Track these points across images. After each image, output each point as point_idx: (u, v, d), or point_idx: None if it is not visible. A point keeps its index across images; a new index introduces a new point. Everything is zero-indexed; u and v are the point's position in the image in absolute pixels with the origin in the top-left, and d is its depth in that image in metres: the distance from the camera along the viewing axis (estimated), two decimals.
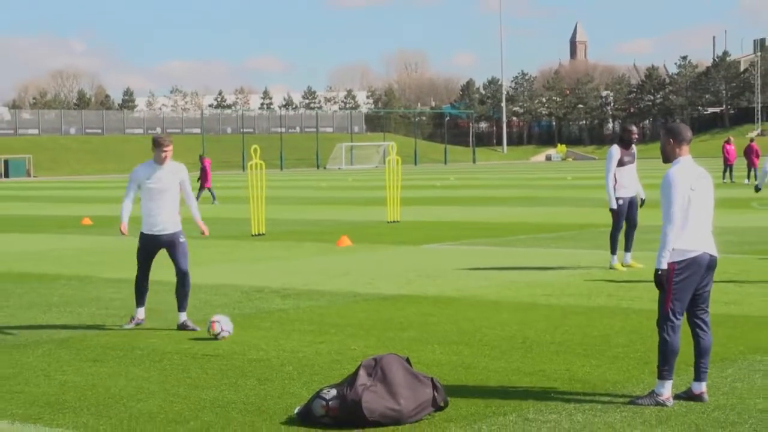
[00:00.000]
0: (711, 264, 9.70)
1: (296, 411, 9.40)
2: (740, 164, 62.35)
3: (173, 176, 14.63)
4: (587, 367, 11.37)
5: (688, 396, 9.70)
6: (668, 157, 9.88)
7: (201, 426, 9.24)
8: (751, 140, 59.81)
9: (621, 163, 19.99)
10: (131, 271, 21.26)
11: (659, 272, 9.58)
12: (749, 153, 57.11)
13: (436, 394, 9.44)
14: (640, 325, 13.85)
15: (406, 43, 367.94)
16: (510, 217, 35.51)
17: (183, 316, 14.57)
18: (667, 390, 9.54)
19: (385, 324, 14.52)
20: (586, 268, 20.23)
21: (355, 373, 9.37)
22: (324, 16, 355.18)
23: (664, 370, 9.57)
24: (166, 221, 14.59)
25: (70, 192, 69.82)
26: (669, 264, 9.54)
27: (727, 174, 59.24)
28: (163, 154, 14.44)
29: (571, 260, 21.42)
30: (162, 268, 16.99)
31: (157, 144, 14.53)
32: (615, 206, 20.08)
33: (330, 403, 9.13)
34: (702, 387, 9.69)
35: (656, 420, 9.04)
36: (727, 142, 60.60)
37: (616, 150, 20.03)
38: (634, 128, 20.82)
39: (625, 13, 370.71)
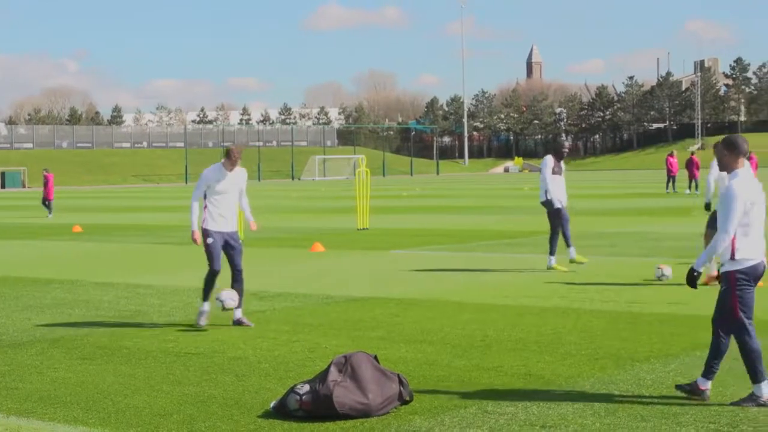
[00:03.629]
0: (763, 272, 9.45)
1: (272, 405, 9.38)
2: (682, 176, 62.68)
3: (238, 180, 14.70)
4: (542, 363, 11.38)
5: (690, 389, 9.50)
6: (726, 168, 9.61)
7: (183, 419, 9.21)
8: (692, 153, 60.07)
9: (553, 171, 20.34)
10: (119, 275, 21.28)
11: (694, 273, 9.44)
12: (690, 165, 57.37)
13: (402, 389, 9.43)
14: (590, 324, 13.89)
15: (376, 64, 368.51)
16: (471, 225, 35.54)
17: (238, 313, 14.58)
18: (766, 390, 9.24)
19: (354, 324, 14.51)
20: (540, 272, 20.26)
21: (327, 370, 9.35)
22: (300, 38, 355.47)
23: (757, 373, 9.28)
24: (228, 221, 14.67)
25: (62, 202, 69.45)
26: (733, 272, 9.29)
27: (670, 185, 59.50)
28: (235, 164, 14.54)
29: (527, 264, 21.45)
30: (146, 272, 17.01)
31: (229, 154, 14.55)
32: (559, 205, 20.43)
33: (303, 397, 9.11)
34: (708, 384, 9.46)
35: (605, 411, 9.05)
36: (670, 155, 60.85)
37: (550, 159, 20.63)
38: (567, 144, 21.73)
39: (577, 36, 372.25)
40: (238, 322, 14.48)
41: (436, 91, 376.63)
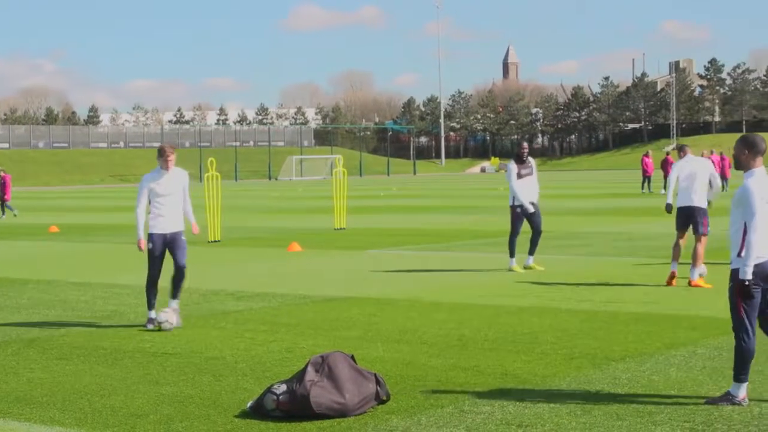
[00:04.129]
0: None
1: (249, 405, 9.37)
2: (657, 176, 62.88)
3: (178, 181, 14.78)
4: (518, 362, 11.40)
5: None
6: (742, 167, 9.53)
7: (160, 419, 9.19)
8: (667, 154, 60.29)
9: (519, 176, 20.45)
10: (95, 275, 21.22)
11: (747, 283, 9.18)
12: (665, 165, 57.49)
13: (378, 388, 9.44)
14: (566, 324, 13.92)
15: (352, 64, 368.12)
16: (447, 225, 35.59)
17: (174, 303, 14.74)
18: (742, 391, 9.25)
19: (331, 323, 14.50)
20: (516, 271, 20.30)
21: (304, 370, 9.35)
22: (276, 39, 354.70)
23: (741, 373, 9.26)
24: (171, 221, 14.75)
25: (38, 202, 69.26)
26: (737, 271, 9.26)
27: (646, 185, 59.67)
28: (168, 162, 14.63)
29: (503, 264, 21.47)
30: (123, 273, 16.91)
31: (162, 152, 14.69)
32: (528, 205, 20.67)
33: (280, 397, 9.11)
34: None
35: (581, 410, 9.07)
36: (646, 155, 61.08)
37: (513, 166, 20.82)
38: (525, 144, 21.65)
39: (553, 38, 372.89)
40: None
41: (412, 91, 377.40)
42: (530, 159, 20.96)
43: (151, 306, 14.73)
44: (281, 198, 67.13)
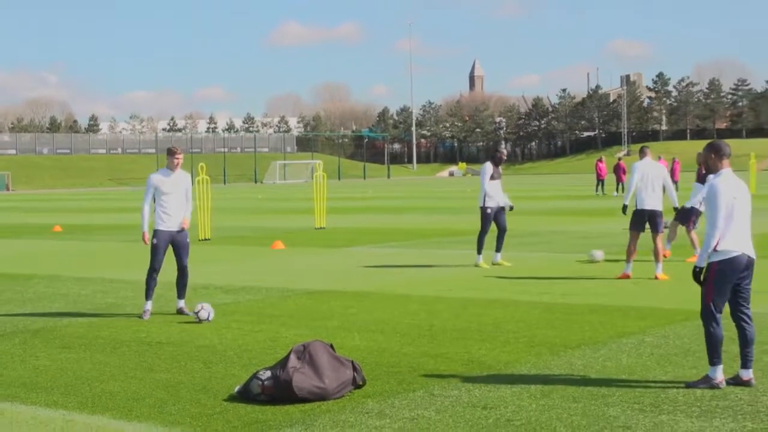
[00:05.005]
0: (749, 264, 9.37)
1: (236, 390, 9.36)
2: (610, 179, 63.14)
3: (181, 182, 14.75)
4: (483, 350, 11.41)
5: (736, 382, 9.35)
6: (711, 170, 9.59)
7: (155, 403, 9.17)
8: (619, 159, 60.49)
9: (492, 177, 20.46)
10: (96, 271, 21.15)
11: (697, 269, 9.34)
12: (617, 170, 57.75)
13: (355, 374, 9.44)
14: (527, 314, 13.94)
15: (331, 77, 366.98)
16: (419, 224, 35.59)
17: (181, 303, 14.75)
18: (719, 374, 9.25)
19: (312, 315, 14.49)
20: (482, 267, 20.32)
21: (287, 357, 9.34)
22: (262, 53, 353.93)
23: (714, 357, 9.26)
24: (177, 220, 14.70)
25: (43, 203, 68.96)
26: (713, 263, 9.26)
27: (599, 187, 59.83)
28: (176, 161, 14.67)
29: (471, 260, 21.49)
30: (122, 268, 16.89)
31: (171, 152, 14.76)
32: (505, 204, 20.74)
33: (265, 382, 9.10)
34: (749, 373, 9.36)
35: (540, 394, 9.09)
36: (599, 160, 61.19)
37: (489, 166, 20.73)
38: (504, 150, 21.89)
39: (515, 53, 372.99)
40: (180, 311, 14.69)
41: (386, 101, 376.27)
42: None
43: (148, 297, 14.66)
44: (265, 200, 66.99)
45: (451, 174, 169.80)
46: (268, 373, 9.19)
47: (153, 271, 14.70)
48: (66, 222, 41.56)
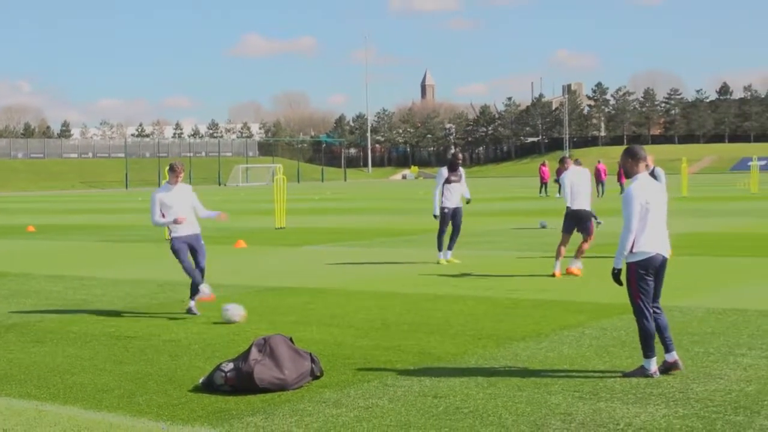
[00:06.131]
0: (663, 263, 9.41)
1: (201, 381, 9.32)
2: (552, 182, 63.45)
3: (183, 194, 14.71)
4: (433, 342, 11.43)
5: (665, 367, 9.40)
6: (629, 174, 9.58)
7: (124, 393, 9.11)
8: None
9: (448, 181, 20.49)
10: (67, 269, 20.98)
11: (615, 271, 9.39)
12: (560, 173, 58.03)
13: (313, 366, 9.43)
14: (474, 309, 13.97)
15: (291, 86, 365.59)
16: (373, 224, 35.60)
17: (191, 303, 14.48)
18: (653, 365, 9.29)
19: (272, 310, 14.46)
20: (433, 264, 20.37)
21: (248, 350, 9.32)
22: (226, 64, 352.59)
23: (648, 350, 9.29)
24: (188, 225, 14.64)
25: (17, 205, 68.31)
26: (632, 264, 9.30)
27: (543, 189, 60.12)
28: (177, 178, 14.61)
29: (422, 258, 21.54)
30: (92, 267, 16.70)
31: (173, 169, 14.69)
32: (437, 213, 20.69)
33: (228, 374, 9.07)
34: (674, 356, 9.42)
35: (487, 383, 9.11)
36: (543, 164, 61.52)
37: (444, 171, 20.71)
38: (460, 155, 21.73)
39: (464, 63, 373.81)
40: (189, 311, 14.39)
41: (343, 109, 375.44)
42: (461, 168, 20.89)
43: (194, 293, 14.39)
44: (229, 201, 66.72)
45: (404, 177, 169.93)
46: (231, 365, 9.16)
47: (185, 269, 14.49)
48: (39, 222, 41.20)
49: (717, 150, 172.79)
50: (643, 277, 9.33)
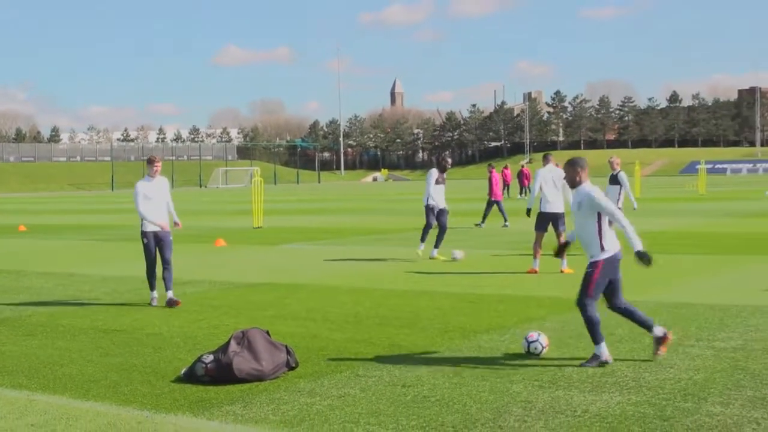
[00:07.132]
0: (620, 259, 9.49)
1: (183, 372, 9.29)
2: (514, 184, 63.63)
3: (161, 187, 14.66)
4: (402, 335, 11.43)
5: (658, 344, 9.50)
6: (575, 183, 9.68)
7: (110, 384, 9.07)
8: (523, 166, 60.94)
9: (437, 182, 20.59)
10: (57, 267, 20.85)
11: (643, 253, 9.27)
12: (521, 176, 58.23)
13: (289, 357, 9.41)
14: (442, 303, 13.99)
15: (268, 93, 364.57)
16: (346, 224, 35.56)
17: (170, 294, 14.52)
18: (604, 350, 9.34)
19: (251, 305, 14.42)
20: (404, 261, 20.37)
21: (228, 343, 9.30)
22: (207, 72, 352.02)
23: (596, 336, 9.32)
24: (158, 221, 14.62)
25: (9, 206, 67.83)
26: (600, 261, 9.36)
27: (506, 191, 60.16)
28: (155, 169, 14.51)
29: (393, 255, 21.55)
30: (81, 264, 16.62)
31: (150, 162, 14.61)
32: (430, 203, 20.71)
33: (208, 365, 9.05)
34: (660, 330, 9.54)
35: (453, 373, 9.13)
36: (505, 168, 61.35)
37: (435, 172, 20.85)
38: (449, 159, 21.75)
39: (431, 72, 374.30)
40: (169, 303, 14.38)
41: (317, 115, 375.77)
42: (445, 173, 20.95)
43: (152, 287, 14.71)
44: (210, 202, 66.51)
45: (375, 179, 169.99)
46: (211, 357, 9.14)
47: (149, 266, 14.67)
48: (30, 222, 40.92)
49: (667, 154, 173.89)
50: (604, 274, 9.39)
